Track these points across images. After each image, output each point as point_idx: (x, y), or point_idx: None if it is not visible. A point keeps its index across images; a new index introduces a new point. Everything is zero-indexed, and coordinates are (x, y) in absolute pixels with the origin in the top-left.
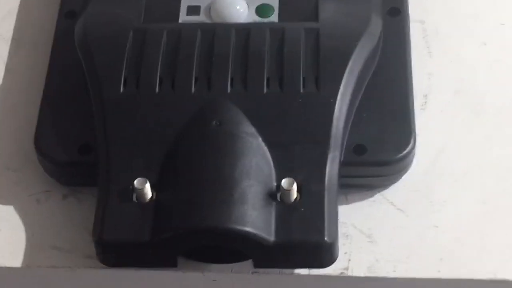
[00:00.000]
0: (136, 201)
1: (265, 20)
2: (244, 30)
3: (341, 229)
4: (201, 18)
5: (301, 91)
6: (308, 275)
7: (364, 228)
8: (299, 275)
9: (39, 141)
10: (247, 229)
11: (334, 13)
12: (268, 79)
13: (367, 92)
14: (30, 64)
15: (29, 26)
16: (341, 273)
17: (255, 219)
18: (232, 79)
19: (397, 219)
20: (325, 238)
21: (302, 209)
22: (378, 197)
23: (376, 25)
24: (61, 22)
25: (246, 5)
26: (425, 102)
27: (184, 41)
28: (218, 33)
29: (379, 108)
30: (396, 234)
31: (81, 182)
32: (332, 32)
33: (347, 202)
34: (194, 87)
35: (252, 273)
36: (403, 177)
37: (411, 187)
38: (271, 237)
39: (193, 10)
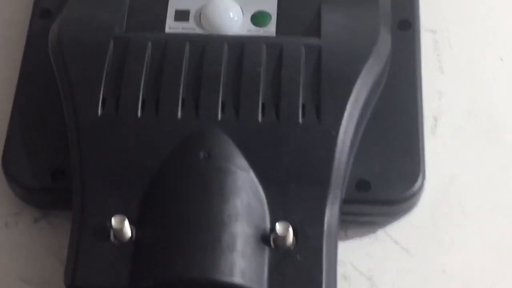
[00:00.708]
0: (113, 240)
1: (262, 29)
2: (238, 45)
3: (339, 269)
4: (190, 25)
5: (300, 121)
6: None
7: (364, 269)
8: None
9: (7, 163)
10: (236, 280)
11: (338, 26)
12: (263, 106)
13: (372, 119)
14: (1, 67)
15: (1, 25)
16: None
17: (245, 269)
18: (223, 104)
19: (401, 260)
20: None
21: (298, 257)
22: (381, 233)
23: (384, 44)
24: (35, 23)
25: (241, 12)
26: (435, 125)
27: (170, 56)
28: (208, 47)
29: (385, 137)
30: (399, 278)
31: (55, 206)
32: (336, 51)
33: (346, 238)
34: (181, 111)
35: None
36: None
37: (418, 224)
38: None
39: (182, 15)
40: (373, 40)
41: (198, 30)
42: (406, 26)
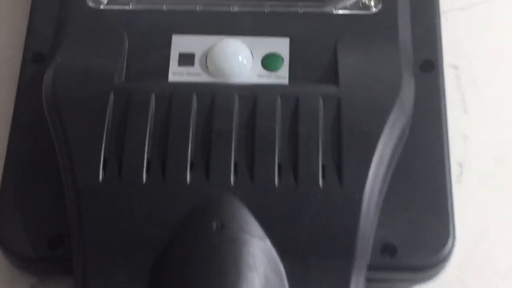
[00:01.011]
0: None
1: (273, 74)
2: (250, 97)
3: None
4: (195, 70)
5: (320, 184)
6: None
7: None
8: None
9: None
10: None
11: (357, 72)
12: (279, 167)
13: (395, 172)
14: None
15: None
16: None
17: None
18: (235, 166)
19: None
20: None
21: None
22: None
23: (408, 91)
24: (27, 68)
25: (250, 55)
26: (461, 173)
27: (177, 112)
28: (217, 100)
29: (411, 193)
30: None
31: (53, 273)
32: (356, 102)
33: None
34: (190, 176)
35: None
36: None
37: (445, 285)
38: None
39: (186, 59)
40: (396, 88)
41: (204, 76)
42: (429, 67)
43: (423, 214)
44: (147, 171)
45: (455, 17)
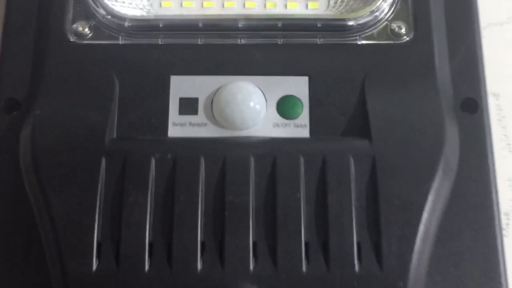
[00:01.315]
0: None
1: (292, 122)
2: (267, 159)
3: None
4: (199, 119)
5: (356, 269)
6: None
7: None
8: None
9: None
10: None
11: (391, 121)
12: (307, 247)
13: (438, 235)
14: None
15: None
16: None
17: None
18: (254, 247)
19: None
20: None
21: None
22: None
23: (453, 144)
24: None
25: (264, 99)
26: (507, 224)
27: (182, 182)
28: (230, 164)
29: (457, 261)
30: None
31: None
32: (394, 162)
33: None
34: (201, 261)
35: None
36: None
37: None
38: None
39: (189, 106)
40: (439, 143)
41: (211, 127)
42: (472, 107)
43: (473, 285)
44: (150, 256)
45: (493, 33)
